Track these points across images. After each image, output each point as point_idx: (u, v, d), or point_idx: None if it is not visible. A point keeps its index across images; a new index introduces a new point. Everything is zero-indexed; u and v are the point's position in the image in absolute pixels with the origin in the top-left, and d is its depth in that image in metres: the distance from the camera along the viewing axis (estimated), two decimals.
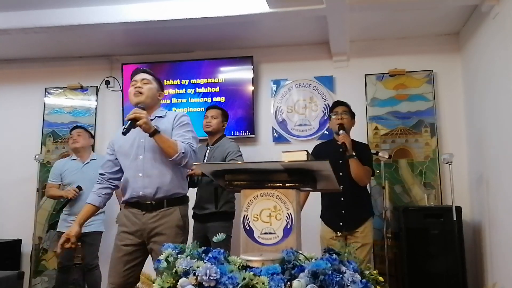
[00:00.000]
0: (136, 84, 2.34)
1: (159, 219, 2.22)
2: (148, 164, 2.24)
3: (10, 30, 3.64)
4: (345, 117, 2.98)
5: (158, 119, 2.34)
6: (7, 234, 4.24)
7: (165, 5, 3.43)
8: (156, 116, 2.36)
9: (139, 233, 2.24)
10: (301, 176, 1.67)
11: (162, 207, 2.23)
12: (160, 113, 2.38)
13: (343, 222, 2.88)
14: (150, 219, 2.22)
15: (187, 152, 2.18)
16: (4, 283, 2.56)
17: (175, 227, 2.23)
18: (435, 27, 3.84)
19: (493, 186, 3.19)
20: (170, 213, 2.24)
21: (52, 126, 4.50)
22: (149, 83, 2.36)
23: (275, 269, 1.34)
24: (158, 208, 2.23)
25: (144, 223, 2.23)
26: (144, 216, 2.23)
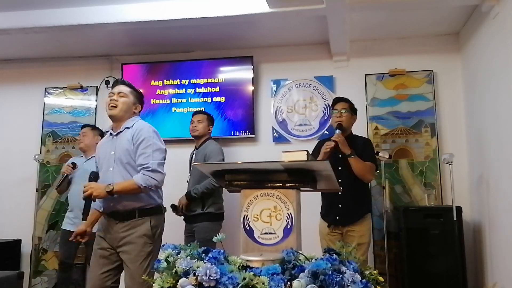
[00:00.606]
0: (113, 96, 2.42)
1: (128, 229, 2.30)
2: (117, 176, 2.31)
3: (10, 30, 3.64)
4: (345, 114, 2.98)
5: (126, 130, 2.42)
6: (7, 234, 4.23)
7: (165, 5, 3.43)
8: (125, 128, 2.43)
9: (111, 241, 2.34)
10: (301, 176, 1.67)
11: (133, 217, 2.31)
12: (129, 123, 2.43)
13: (339, 216, 2.89)
14: (121, 229, 2.31)
15: (146, 181, 2.24)
16: (4, 283, 2.56)
17: (143, 236, 2.31)
18: (435, 27, 3.84)
19: (493, 186, 3.19)
20: (140, 223, 2.31)
21: (52, 126, 4.49)
22: (125, 96, 2.44)
23: (275, 269, 1.34)
24: (129, 219, 2.31)
25: (115, 232, 2.32)
26: (116, 225, 2.32)
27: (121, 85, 2.47)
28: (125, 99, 2.43)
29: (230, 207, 3.49)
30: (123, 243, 2.29)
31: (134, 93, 2.49)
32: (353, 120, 3.07)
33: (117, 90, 2.44)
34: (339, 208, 2.89)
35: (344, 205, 2.88)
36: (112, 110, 2.39)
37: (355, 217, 2.88)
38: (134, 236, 2.28)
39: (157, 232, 2.36)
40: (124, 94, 2.43)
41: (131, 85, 2.51)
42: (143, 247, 2.28)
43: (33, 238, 4.15)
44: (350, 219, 2.88)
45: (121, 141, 2.37)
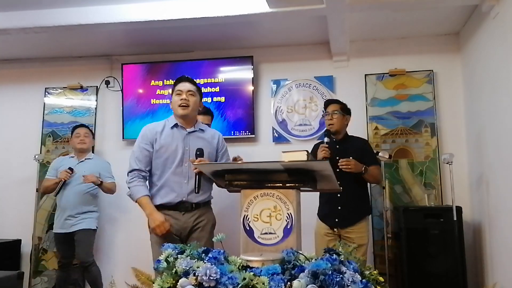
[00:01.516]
0: (182, 95, 2.41)
1: (198, 217, 2.41)
2: (191, 172, 2.38)
3: (10, 30, 3.63)
4: (336, 117, 3.00)
5: (200, 131, 2.49)
6: (7, 234, 4.23)
7: (165, 5, 3.42)
8: (200, 129, 2.50)
9: (179, 233, 2.40)
10: (301, 176, 1.67)
11: (199, 207, 2.43)
12: (201, 126, 2.54)
13: (338, 218, 2.89)
14: (190, 218, 2.39)
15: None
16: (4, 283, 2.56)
17: (211, 224, 2.46)
18: (435, 27, 3.84)
19: (493, 186, 3.19)
20: (206, 211, 2.46)
21: (52, 126, 4.49)
22: (194, 95, 2.45)
23: (275, 269, 1.34)
24: (196, 208, 2.42)
25: (185, 222, 2.39)
26: (183, 216, 2.39)
27: (187, 83, 2.46)
28: (195, 98, 2.46)
29: (230, 207, 3.49)
30: (194, 230, 2.40)
31: (199, 90, 2.52)
32: (346, 121, 3.08)
33: (186, 88, 2.44)
34: (338, 210, 2.89)
35: (343, 207, 2.89)
36: (185, 110, 2.41)
37: (354, 219, 2.89)
38: (204, 223, 2.41)
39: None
40: (193, 92, 2.45)
41: (195, 82, 2.53)
42: (211, 233, 2.42)
43: (33, 238, 4.14)
44: (349, 221, 2.88)
45: (198, 141, 2.46)
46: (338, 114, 3.01)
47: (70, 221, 3.56)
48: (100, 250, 4.21)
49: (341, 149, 2.99)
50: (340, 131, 3.05)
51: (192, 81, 2.49)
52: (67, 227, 3.56)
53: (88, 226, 3.61)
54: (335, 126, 3.00)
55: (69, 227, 3.56)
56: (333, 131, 3.03)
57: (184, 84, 2.44)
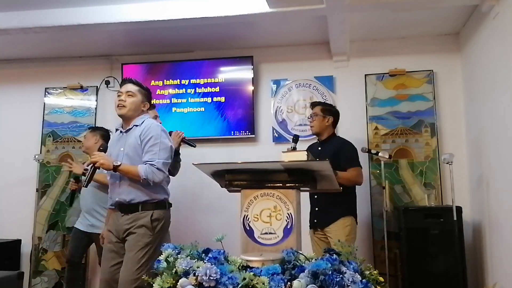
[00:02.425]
0: (121, 96, 2.48)
1: (132, 221, 2.38)
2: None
3: (10, 30, 3.63)
4: (315, 119, 3.08)
5: (135, 127, 2.48)
6: (7, 234, 4.23)
7: (165, 5, 3.42)
8: (134, 125, 2.49)
9: (117, 233, 2.42)
10: (301, 176, 1.67)
11: (137, 210, 2.39)
12: (138, 121, 2.50)
13: (317, 219, 2.99)
14: (126, 221, 2.38)
15: (148, 174, 2.32)
16: (4, 283, 2.56)
17: (143, 227, 2.37)
18: (435, 27, 3.84)
19: (493, 186, 3.19)
20: (143, 216, 2.38)
21: (52, 126, 4.49)
22: (133, 95, 2.48)
23: (275, 269, 1.34)
24: (133, 211, 2.39)
25: (121, 224, 2.40)
26: (122, 218, 2.40)
27: (129, 84, 2.51)
28: (133, 98, 2.48)
29: (230, 207, 3.49)
30: (127, 234, 2.38)
31: (142, 91, 2.53)
32: (327, 122, 3.10)
33: (125, 89, 2.49)
34: (316, 211, 2.99)
35: (319, 208, 2.98)
36: (121, 110, 2.46)
37: (330, 219, 2.92)
38: (135, 227, 2.36)
39: (158, 225, 2.41)
40: (132, 93, 2.48)
41: (138, 83, 2.56)
42: (142, 237, 2.35)
43: (33, 238, 4.15)
44: (325, 222, 2.94)
45: (130, 137, 2.45)
46: (318, 116, 3.07)
47: (87, 221, 3.52)
48: None
49: (321, 151, 3.04)
50: (321, 132, 3.11)
51: (133, 82, 2.54)
52: (85, 226, 3.50)
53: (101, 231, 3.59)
54: (314, 128, 3.10)
55: (87, 227, 3.49)
56: (314, 133, 3.15)
57: (124, 86, 2.51)
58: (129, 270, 2.27)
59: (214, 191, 2.73)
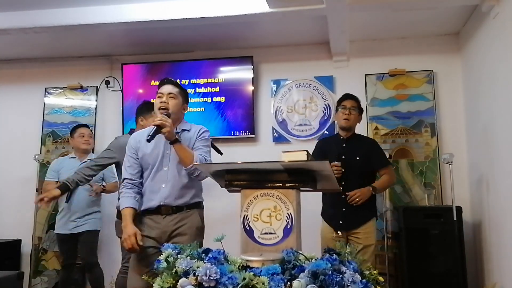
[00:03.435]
0: (162, 98, 2.36)
1: (179, 221, 2.29)
2: (171, 175, 2.31)
3: (10, 30, 3.64)
4: (354, 113, 2.89)
5: (183, 132, 2.40)
6: (7, 234, 4.23)
7: (165, 5, 3.43)
8: (182, 129, 2.41)
9: (158, 236, 2.27)
10: (301, 176, 1.67)
11: (181, 210, 2.32)
12: (185, 126, 2.44)
13: (343, 220, 2.79)
14: (171, 221, 2.28)
15: (201, 162, 2.23)
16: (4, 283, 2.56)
17: (195, 228, 2.32)
18: (435, 27, 3.84)
19: (494, 186, 3.19)
20: (190, 215, 2.33)
21: (52, 126, 4.49)
22: (175, 97, 2.38)
23: (275, 269, 1.34)
24: (178, 212, 2.31)
25: (164, 226, 2.28)
26: (164, 220, 2.29)
27: (169, 85, 2.41)
28: (175, 100, 2.37)
29: (230, 207, 3.49)
30: (176, 234, 2.28)
31: (182, 93, 2.44)
32: (359, 120, 2.99)
33: (167, 90, 2.37)
34: (342, 212, 2.79)
35: (348, 209, 2.78)
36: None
37: (359, 221, 2.79)
38: (187, 227, 2.29)
39: (204, 225, 2.42)
40: (174, 95, 2.37)
41: (179, 85, 2.46)
42: (195, 238, 2.26)
43: (33, 238, 4.14)
44: (354, 223, 2.78)
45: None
46: (356, 111, 2.91)
47: (73, 223, 3.55)
48: (101, 250, 4.20)
49: (347, 149, 2.88)
50: (352, 128, 2.95)
51: (174, 82, 2.44)
52: (71, 229, 3.55)
53: (92, 227, 3.62)
54: (350, 122, 2.89)
55: (73, 229, 3.54)
56: (347, 126, 2.91)
57: (165, 87, 2.41)
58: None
59: (214, 191, 2.73)
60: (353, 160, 2.82)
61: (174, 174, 2.30)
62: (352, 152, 2.85)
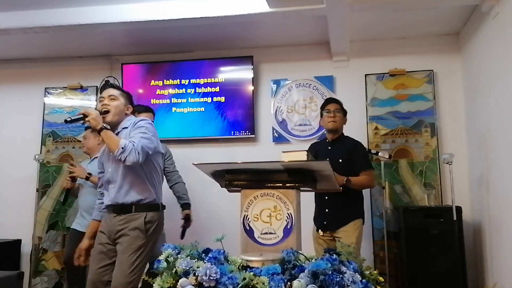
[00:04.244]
0: (104, 101, 2.45)
1: (125, 222, 2.36)
2: (115, 175, 2.39)
3: (10, 30, 3.64)
4: (338, 115, 2.96)
5: (123, 130, 2.44)
6: (7, 234, 4.23)
7: (165, 5, 3.43)
8: (123, 128, 2.45)
9: (108, 234, 2.39)
10: (301, 176, 1.67)
11: (130, 211, 2.37)
12: (125, 124, 2.47)
13: (326, 221, 2.88)
14: (118, 222, 2.36)
15: (127, 148, 2.24)
16: (4, 283, 2.56)
17: (136, 229, 2.35)
18: (435, 27, 3.84)
19: (494, 186, 3.19)
20: (136, 218, 2.37)
21: (52, 126, 4.49)
22: (116, 99, 2.46)
23: (275, 269, 1.34)
24: (126, 213, 2.37)
25: (113, 225, 2.37)
26: (114, 219, 2.38)
27: (110, 88, 2.50)
28: (116, 102, 2.45)
29: (230, 207, 3.49)
30: (119, 235, 2.35)
31: (123, 94, 2.52)
32: (344, 122, 3.06)
33: (107, 93, 2.46)
34: (326, 212, 2.88)
35: (330, 210, 2.87)
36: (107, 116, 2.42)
37: (342, 222, 2.84)
38: (128, 229, 2.34)
39: (151, 228, 2.39)
40: (115, 97, 2.45)
41: (119, 87, 2.58)
42: (135, 240, 2.33)
43: (33, 238, 4.15)
44: (337, 224, 2.84)
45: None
46: (340, 113, 2.98)
47: (85, 221, 3.52)
48: None
49: (332, 150, 2.95)
50: (338, 130, 3.01)
51: (114, 86, 2.57)
52: (83, 226, 3.52)
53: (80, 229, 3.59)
54: (336, 124, 2.96)
55: (85, 227, 3.50)
56: (334, 128, 2.97)
57: (105, 91, 2.49)
58: (123, 273, 2.25)
59: (214, 191, 2.73)
60: (336, 162, 2.85)
61: (117, 174, 2.38)
62: (336, 154, 2.89)
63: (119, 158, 2.26)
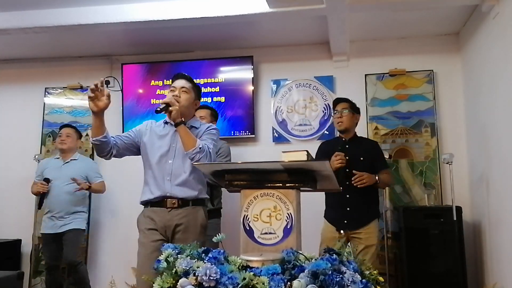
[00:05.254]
0: (175, 91, 2.36)
1: (184, 216, 2.29)
2: (176, 169, 2.31)
3: (10, 30, 3.64)
4: (345, 114, 2.95)
5: (192, 129, 2.38)
6: (7, 234, 4.23)
7: (165, 5, 3.43)
8: (191, 125, 2.40)
9: (163, 230, 2.29)
10: (301, 176, 1.67)
11: (187, 205, 2.31)
12: (195, 123, 2.44)
13: (347, 220, 2.82)
14: (176, 216, 2.28)
15: (204, 149, 2.22)
16: (4, 283, 2.56)
17: (199, 226, 2.32)
18: (435, 27, 3.84)
19: (494, 186, 3.19)
20: (195, 211, 2.33)
21: (52, 126, 4.49)
22: (188, 92, 2.38)
23: (275, 269, 1.34)
24: (183, 206, 2.30)
25: (169, 220, 2.29)
26: (169, 213, 2.29)
27: (183, 79, 2.41)
28: (187, 95, 2.37)
29: (230, 207, 3.49)
30: (179, 230, 2.28)
31: (195, 88, 2.44)
32: (356, 120, 3.03)
33: (180, 84, 2.37)
34: (347, 211, 2.82)
35: (352, 209, 2.82)
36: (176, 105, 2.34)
37: (363, 221, 2.82)
38: (191, 224, 2.29)
39: (207, 223, 2.41)
40: (186, 89, 2.37)
41: (192, 80, 2.46)
42: (199, 236, 2.28)
43: (33, 238, 4.14)
44: (358, 223, 2.82)
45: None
46: (348, 112, 2.96)
47: (59, 222, 3.54)
48: (101, 250, 4.21)
49: (351, 149, 2.91)
50: (350, 129, 2.99)
51: (187, 78, 2.44)
52: (56, 228, 3.54)
53: (77, 226, 3.60)
54: (344, 124, 2.94)
55: (58, 228, 3.54)
56: (342, 129, 2.98)
57: (178, 81, 2.41)
58: None
59: None
60: (358, 160, 2.86)
61: (178, 167, 2.31)
62: (356, 152, 2.89)
63: (192, 157, 2.21)
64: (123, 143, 2.42)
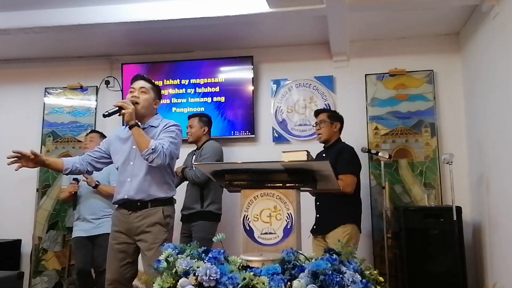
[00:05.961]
0: (134, 92, 2.43)
1: (143, 218, 2.35)
2: (136, 170, 2.37)
3: (10, 30, 3.64)
4: (323, 126, 3.05)
5: (150, 128, 2.44)
6: (7, 234, 4.23)
7: (165, 5, 3.43)
8: (150, 126, 2.45)
9: (128, 232, 2.38)
10: (301, 176, 1.67)
11: (146, 207, 2.36)
12: (154, 122, 2.48)
13: (316, 225, 2.99)
14: (135, 219, 2.35)
15: (157, 149, 2.26)
16: (4, 283, 2.56)
17: (157, 224, 2.35)
18: (435, 27, 3.84)
19: (493, 186, 3.19)
20: (154, 212, 2.36)
21: (52, 126, 4.49)
22: (146, 92, 2.45)
23: (275, 269, 1.34)
24: (142, 208, 2.36)
25: (130, 223, 2.37)
26: (130, 216, 2.37)
27: (141, 80, 2.47)
28: (146, 95, 2.44)
29: (230, 207, 3.49)
30: (139, 232, 2.35)
31: (154, 88, 2.51)
32: (335, 128, 3.08)
33: (138, 85, 2.44)
34: (317, 217, 3.00)
35: (320, 215, 2.98)
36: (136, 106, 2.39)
37: (329, 226, 2.88)
38: (147, 225, 2.34)
39: (170, 221, 2.42)
40: (145, 89, 2.44)
41: (151, 81, 2.53)
42: (158, 234, 2.34)
43: (33, 238, 4.15)
44: (325, 229, 2.91)
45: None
46: (326, 123, 3.05)
47: (91, 224, 3.50)
48: None
49: (325, 157, 3.01)
50: (329, 139, 3.07)
51: (146, 79, 2.51)
52: (88, 231, 3.49)
53: (108, 230, 3.56)
54: (323, 135, 3.06)
55: (91, 230, 3.49)
56: (322, 141, 3.10)
57: (137, 82, 2.46)
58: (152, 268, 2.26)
59: None
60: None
61: (139, 169, 2.36)
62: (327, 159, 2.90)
63: (146, 158, 2.26)
64: (94, 158, 2.53)
